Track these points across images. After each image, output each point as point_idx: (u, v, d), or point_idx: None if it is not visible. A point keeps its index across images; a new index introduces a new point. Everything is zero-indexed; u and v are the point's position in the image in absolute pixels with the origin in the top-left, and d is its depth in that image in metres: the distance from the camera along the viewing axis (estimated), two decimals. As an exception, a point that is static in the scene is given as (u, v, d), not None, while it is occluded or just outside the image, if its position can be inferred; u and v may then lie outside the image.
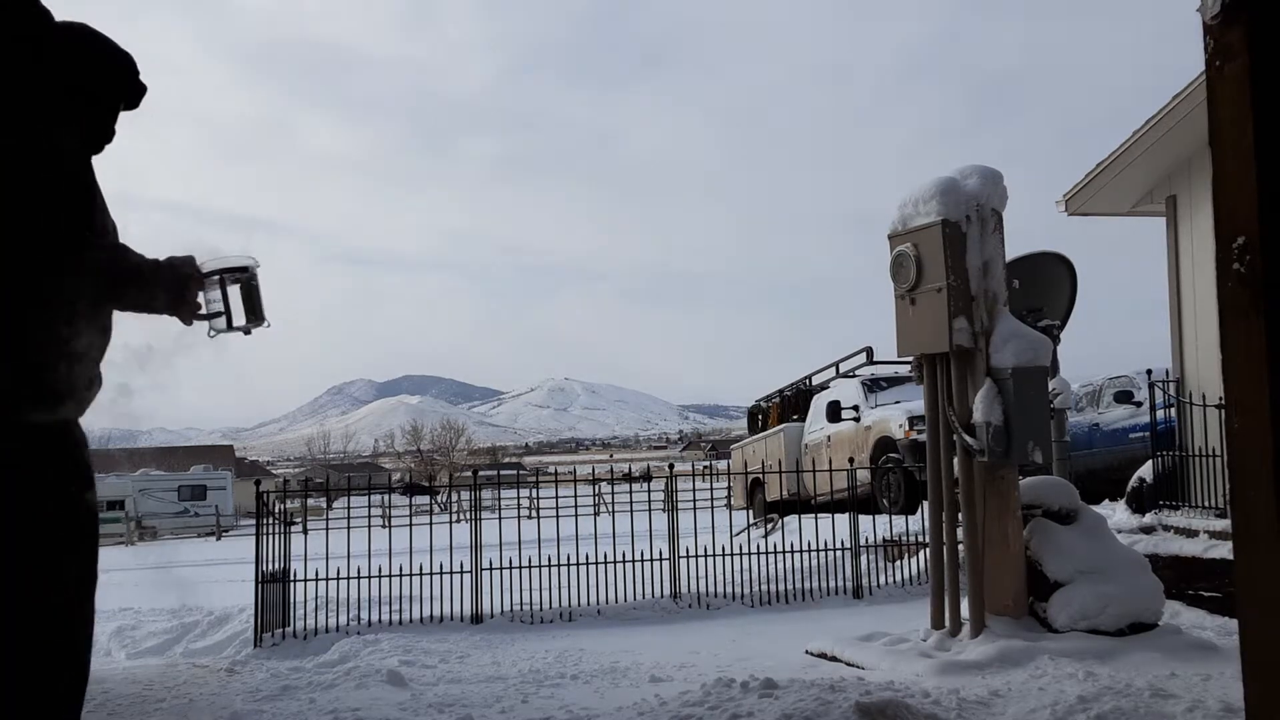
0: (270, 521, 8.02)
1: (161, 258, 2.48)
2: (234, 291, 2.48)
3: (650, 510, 8.98)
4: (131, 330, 2.48)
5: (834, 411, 14.03)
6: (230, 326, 2.48)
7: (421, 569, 8.35)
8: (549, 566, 8.45)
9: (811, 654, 6.09)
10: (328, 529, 8.77)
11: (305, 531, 8.68)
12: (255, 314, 2.48)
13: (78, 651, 2.26)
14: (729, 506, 14.50)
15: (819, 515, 10.12)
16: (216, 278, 2.46)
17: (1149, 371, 9.75)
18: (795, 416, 16.30)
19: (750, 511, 14.66)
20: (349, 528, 8.34)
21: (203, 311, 2.47)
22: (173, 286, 2.43)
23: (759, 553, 8.84)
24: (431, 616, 8.11)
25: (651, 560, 8.67)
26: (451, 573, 8.28)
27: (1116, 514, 9.02)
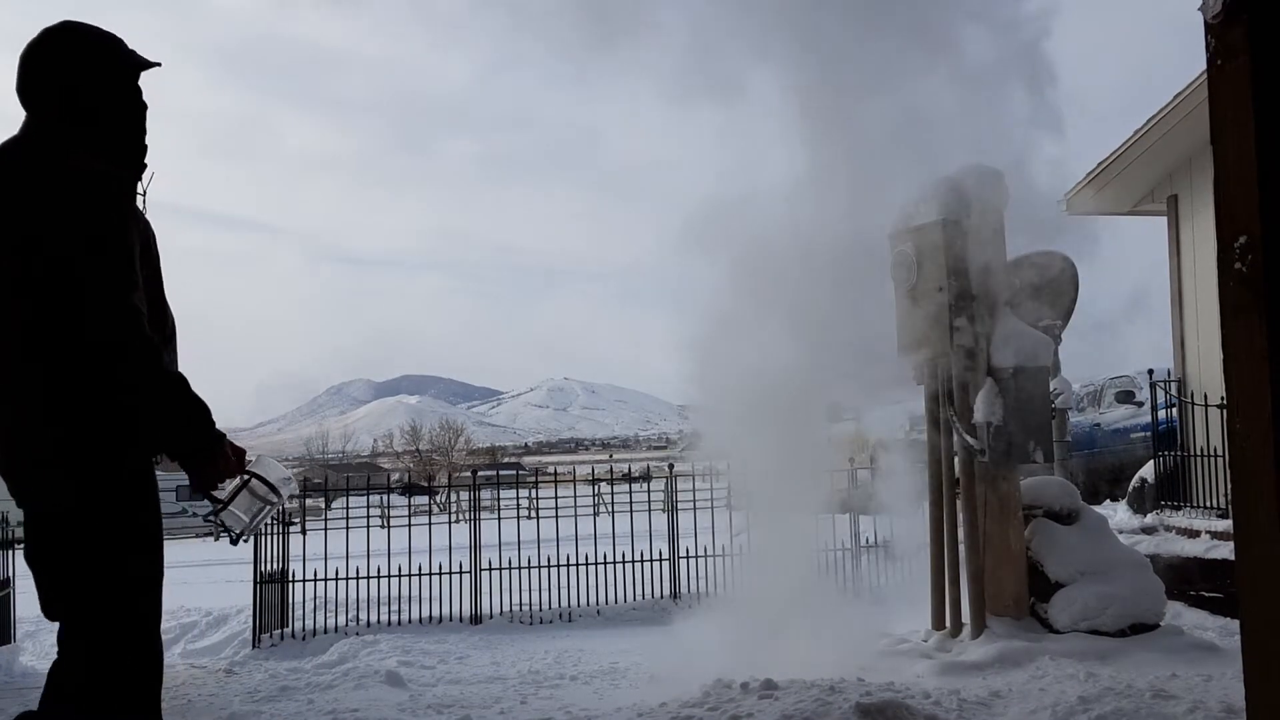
0: (269, 522, 8.00)
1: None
2: (248, 496, 2.54)
3: (650, 510, 8.97)
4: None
5: (834, 411, 14.01)
6: (220, 523, 2.56)
7: (420, 569, 8.34)
8: (548, 567, 8.44)
9: (811, 654, 6.08)
10: (326, 529, 8.75)
11: (304, 532, 8.67)
12: (244, 529, 2.56)
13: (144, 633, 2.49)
14: (729, 506, 14.46)
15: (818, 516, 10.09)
16: (248, 477, 2.53)
17: (1150, 371, 9.75)
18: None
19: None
20: (348, 528, 8.33)
21: (216, 493, 2.52)
22: (213, 454, 2.45)
23: (759, 553, 8.82)
24: (430, 617, 8.11)
25: (651, 561, 8.66)
26: (450, 573, 8.27)
27: (1118, 514, 9.02)
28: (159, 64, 2.61)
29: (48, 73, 2.47)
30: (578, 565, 8.54)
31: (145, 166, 2.63)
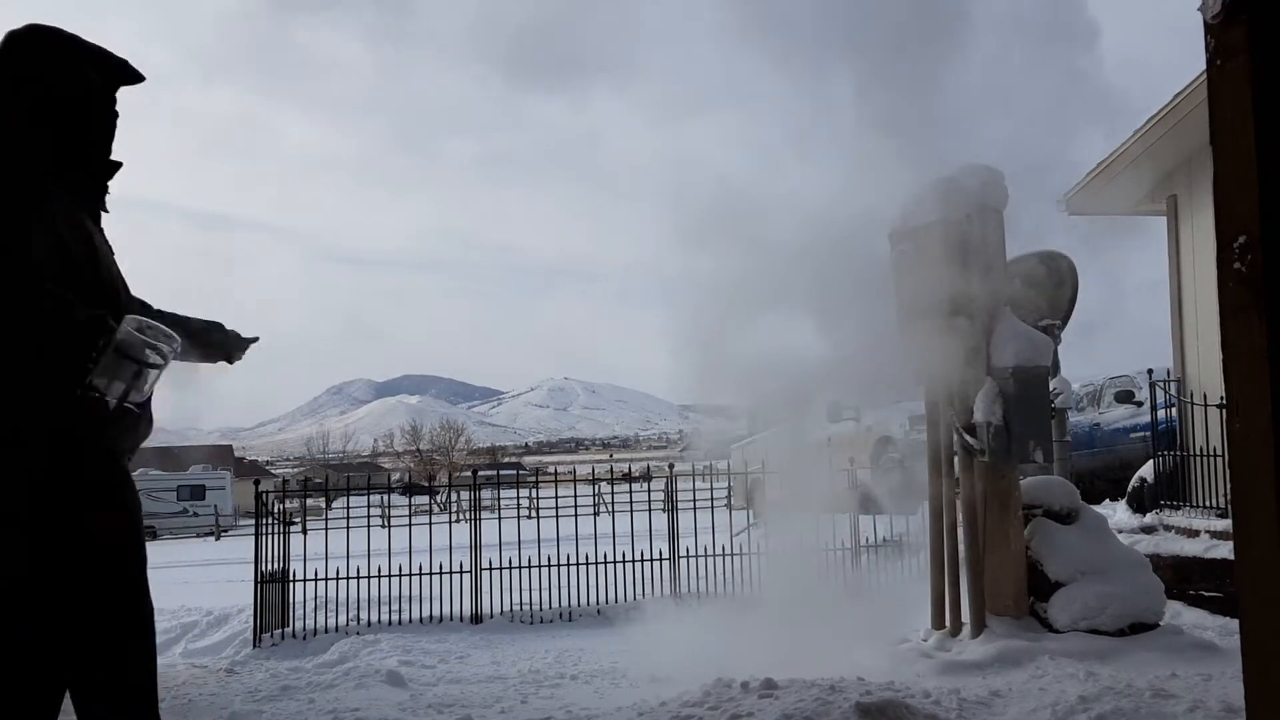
0: (269, 521, 8.01)
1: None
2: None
3: (650, 510, 8.97)
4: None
5: (834, 411, 14.02)
6: (93, 390, 2.33)
7: (421, 569, 8.34)
8: (549, 566, 8.44)
9: (811, 654, 6.08)
10: (327, 529, 8.75)
11: (304, 531, 8.66)
12: (119, 393, 2.35)
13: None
14: (729, 506, 14.48)
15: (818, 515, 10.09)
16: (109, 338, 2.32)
17: (1150, 371, 9.75)
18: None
19: (750, 511, 14.62)
20: (348, 528, 8.33)
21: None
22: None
23: (759, 553, 8.83)
24: (431, 617, 8.11)
25: (651, 560, 8.67)
26: (451, 573, 8.27)
27: (1117, 514, 9.02)
28: (125, 62, 2.59)
29: (8, 71, 2.47)
30: (578, 565, 8.54)
31: (110, 166, 2.58)
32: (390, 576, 8.24)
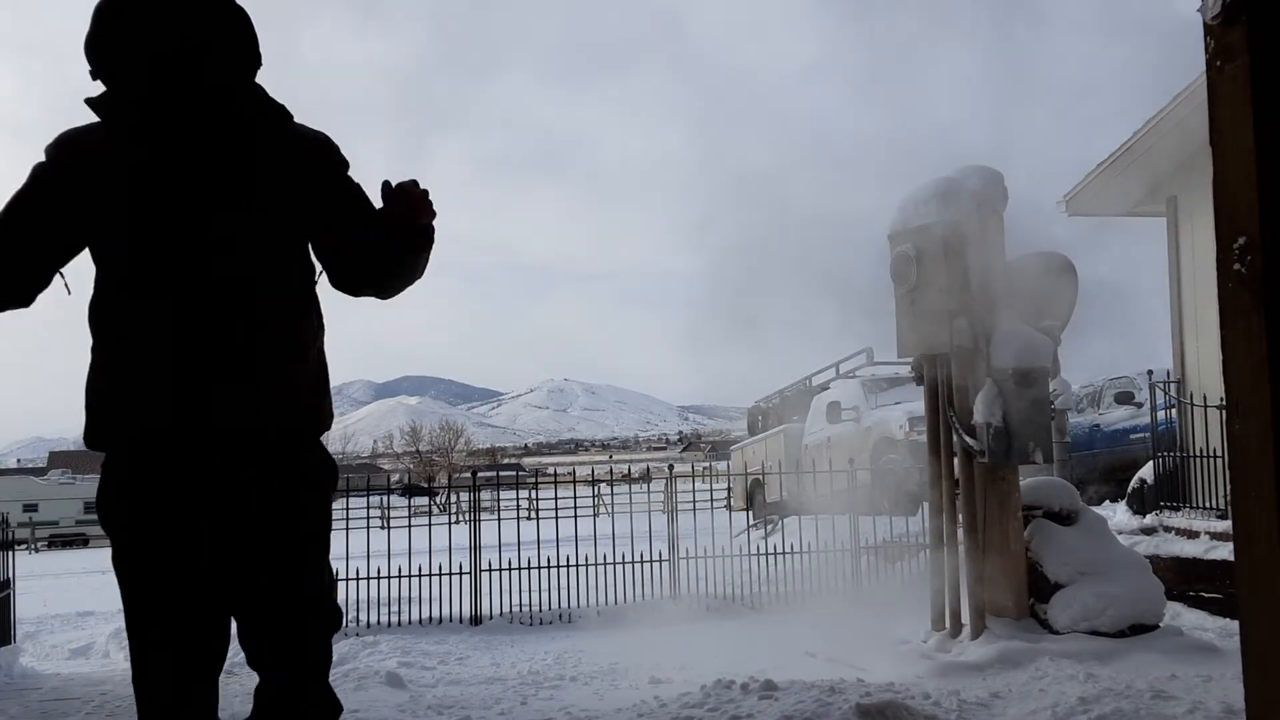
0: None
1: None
2: None
3: (650, 511, 8.98)
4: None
5: (834, 412, 14.03)
6: None
7: (420, 570, 8.34)
8: (548, 568, 8.44)
9: (811, 655, 6.08)
10: (327, 530, 8.75)
11: (304, 533, 8.67)
12: None
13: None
14: (729, 508, 14.49)
15: (819, 516, 10.11)
16: None
17: (1150, 372, 9.75)
18: (795, 417, 16.31)
19: (750, 513, 14.64)
20: (348, 529, 8.33)
21: None
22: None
23: (759, 554, 8.84)
24: (430, 618, 8.11)
25: (651, 561, 8.67)
26: (450, 574, 8.28)
27: (1117, 515, 9.01)
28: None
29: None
30: (578, 566, 8.55)
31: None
32: (389, 578, 8.24)
